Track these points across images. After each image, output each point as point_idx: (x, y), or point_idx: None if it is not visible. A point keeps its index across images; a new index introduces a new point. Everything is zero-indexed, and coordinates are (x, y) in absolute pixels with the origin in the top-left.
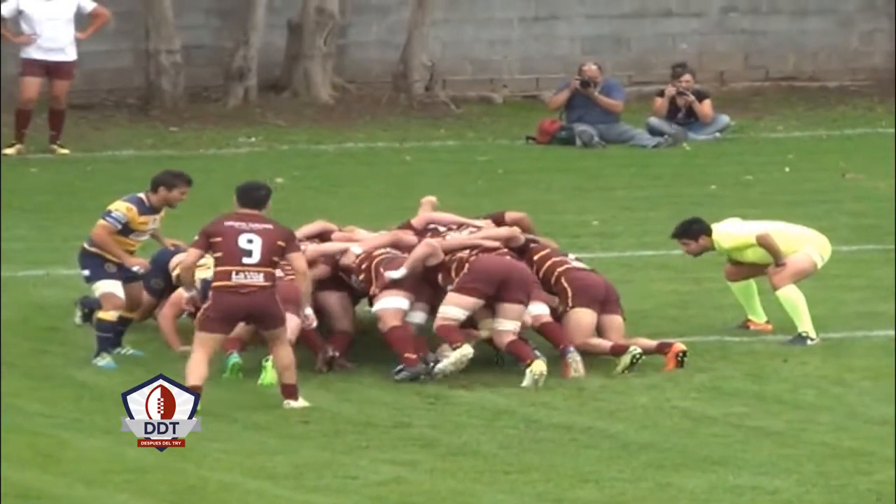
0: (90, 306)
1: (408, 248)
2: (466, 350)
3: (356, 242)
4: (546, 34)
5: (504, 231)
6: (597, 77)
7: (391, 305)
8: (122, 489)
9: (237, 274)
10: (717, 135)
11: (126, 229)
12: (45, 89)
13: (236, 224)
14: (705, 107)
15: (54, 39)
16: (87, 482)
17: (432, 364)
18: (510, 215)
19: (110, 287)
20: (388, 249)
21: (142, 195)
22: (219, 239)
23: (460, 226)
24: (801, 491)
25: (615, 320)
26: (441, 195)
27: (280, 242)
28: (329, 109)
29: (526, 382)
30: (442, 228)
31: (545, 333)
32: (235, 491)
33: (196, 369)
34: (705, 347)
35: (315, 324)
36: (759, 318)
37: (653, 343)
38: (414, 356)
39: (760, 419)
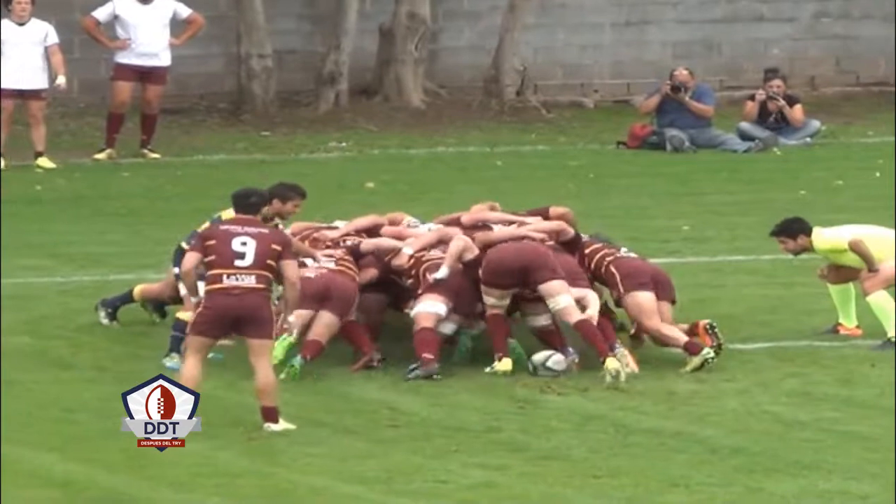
0: (112, 305)
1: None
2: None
3: (406, 243)
4: (637, 39)
5: (553, 224)
6: (688, 82)
7: (428, 309)
8: (213, 493)
9: (228, 277)
10: (808, 140)
11: None
12: (135, 94)
13: (231, 228)
14: (796, 112)
15: (149, 44)
16: (177, 486)
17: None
18: (554, 210)
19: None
20: (437, 253)
21: None
22: (213, 242)
23: (511, 223)
24: (890, 496)
25: (660, 307)
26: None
27: (275, 246)
28: (420, 114)
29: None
30: (494, 226)
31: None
32: (325, 495)
33: (190, 377)
34: (796, 352)
35: (296, 331)
36: (850, 322)
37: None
38: (431, 356)
39: (850, 424)
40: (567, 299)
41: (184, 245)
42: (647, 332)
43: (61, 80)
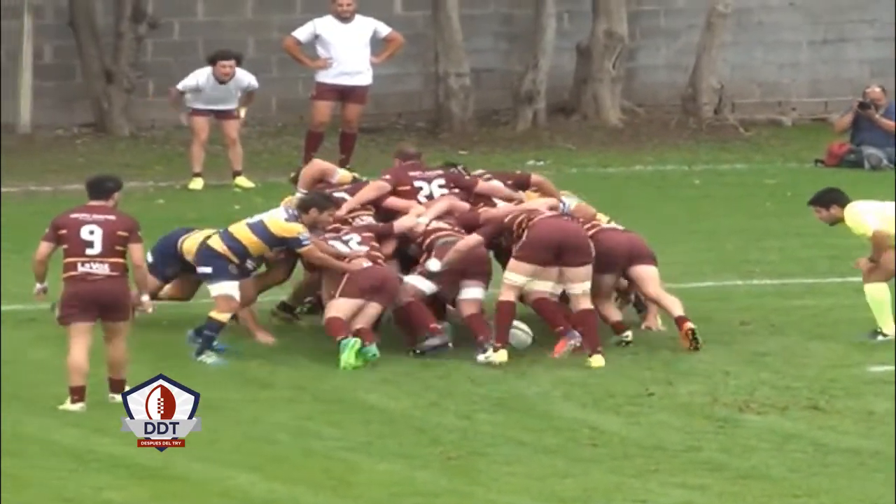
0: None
1: (461, 214)
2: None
3: (422, 213)
4: (834, 57)
5: (550, 201)
6: (880, 99)
7: (415, 283)
8: None
9: (83, 265)
10: None
11: (279, 243)
12: (334, 112)
13: (80, 216)
14: None
15: (350, 63)
16: None
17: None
18: (535, 178)
19: (229, 289)
20: (445, 227)
21: (296, 214)
22: (64, 231)
23: (511, 199)
24: None
25: (648, 271)
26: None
27: (121, 233)
28: (618, 132)
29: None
30: (498, 201)
31: (542, 312)
32: None
33: (77, 366)
34: None
35: (151, 310)
36: None
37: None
38: (439, 326)
39: None
40: (585, 287)
41: (210, 244)
42: (595, 306)
43: (243, 112)
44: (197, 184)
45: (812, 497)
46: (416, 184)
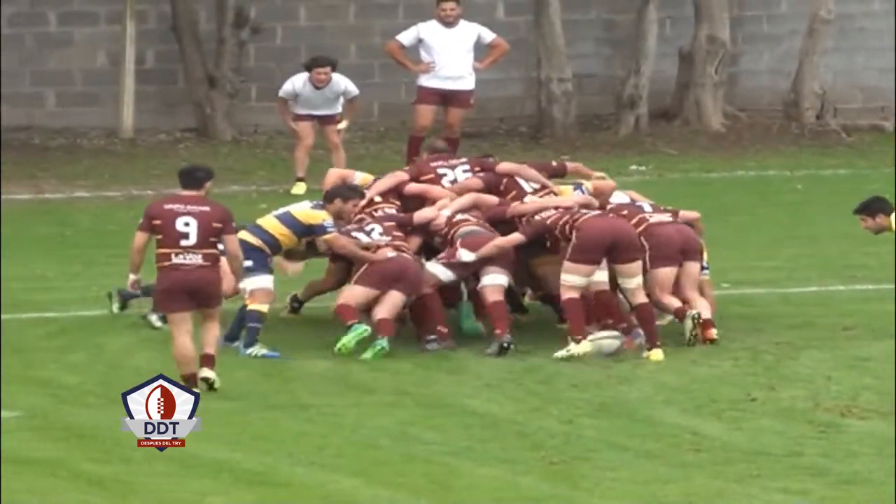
0: (126, 297)
1: (487, 209)
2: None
3: (445, 205)
4: None
5: (581, 198)
6: None
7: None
8: None
9: (176, 255)
10: None
11: (307, 231)
12: (436, 117)
13: (175, 207)
14: None
15: (453, 68)
16: None
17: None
18: (571, 165)
19: (267, 283)
20: (470, 219)
21: (321, 204)
22: (159, 222)
23: (542, 186)
24: None
25: (690, 268)
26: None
27: (216, 224)
28: (720, 138)
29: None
30: (528, 188)
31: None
32: None
33: (182, 355)
34: None
35: (248, 294)
36: None
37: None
38: (446, 330)
39: None
40: (639, 281)
41: (243, 238)
42: (654, 301)
43: (343, 125)
44: (300, 188)
45: None
46: (440, 171)
